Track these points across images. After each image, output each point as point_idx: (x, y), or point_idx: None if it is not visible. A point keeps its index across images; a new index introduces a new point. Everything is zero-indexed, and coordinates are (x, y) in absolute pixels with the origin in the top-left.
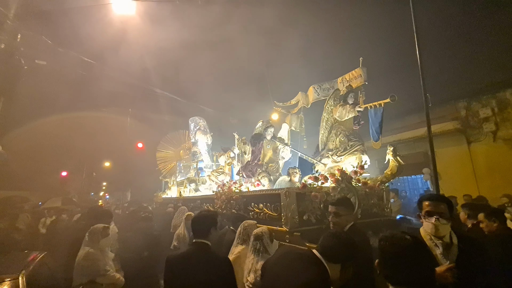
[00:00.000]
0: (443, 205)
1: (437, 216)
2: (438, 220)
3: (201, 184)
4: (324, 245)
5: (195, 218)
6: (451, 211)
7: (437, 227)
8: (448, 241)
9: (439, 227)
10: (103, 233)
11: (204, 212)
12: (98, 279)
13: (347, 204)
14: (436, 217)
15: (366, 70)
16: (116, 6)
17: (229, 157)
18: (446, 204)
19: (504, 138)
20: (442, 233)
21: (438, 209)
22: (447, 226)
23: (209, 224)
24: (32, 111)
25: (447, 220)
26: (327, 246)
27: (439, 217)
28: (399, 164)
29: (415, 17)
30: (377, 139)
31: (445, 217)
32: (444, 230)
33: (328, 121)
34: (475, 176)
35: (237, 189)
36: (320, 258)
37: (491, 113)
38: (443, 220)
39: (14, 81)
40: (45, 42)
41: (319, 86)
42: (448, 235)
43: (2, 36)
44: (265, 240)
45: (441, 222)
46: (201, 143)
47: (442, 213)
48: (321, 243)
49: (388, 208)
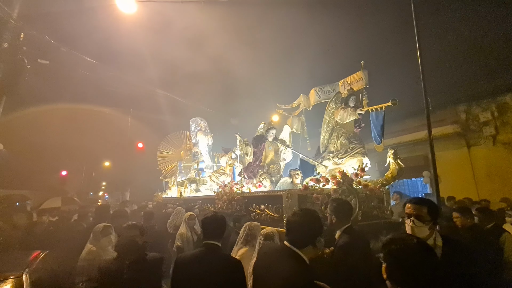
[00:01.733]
0: (422, 208)
1: (413, 218)
2: (412, 222)
3: (202, 184)
4: (289, 235)
5: (207, 220)
6: (433, 214)
7: (412, 229)
8: (430, 244)
9: (414, 229)
10: (104, 232)
11: (216, 213)
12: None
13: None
14: (411, 219)
15: (367, 73)
16: (119, 7)
17: (230, 158)
18: (427, 207)
19: (504, 142)
20: (418, 235)
21: (415, 211)
22: (423, 229)
23: (221, 226)
24: (33, 110)
25: (424, 222)
26: (291, 235)
27: (414, 219)
28: (400, 167)
29: (417, 20)
30: (379, 142)
31: (422, 220)
32: (420, 232)
33: (330, 124)
34: (475, 180)
35: (238, 190)
36: (292, 248)
37: (491, 117)
38: (419, 222)
39: (16, 80)
40: (48, 42)
41: (320, 89)
42: (431, 238)
43: (6, 36)
44: (276, 240)
45: (416, 224)
46: (202, 144)
47: (419, 216)
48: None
49: (389, 211)
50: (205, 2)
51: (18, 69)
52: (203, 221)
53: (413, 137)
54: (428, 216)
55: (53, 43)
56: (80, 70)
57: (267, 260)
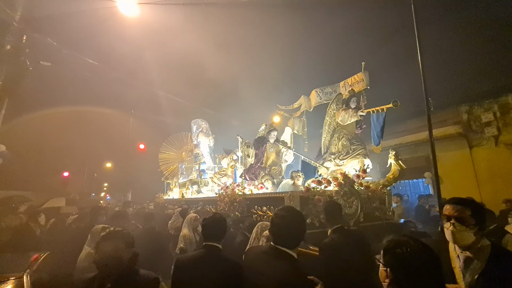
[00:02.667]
0: (464, 209)
1: (453, 220)
2: (453, 226)
3: (204, 186)
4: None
5: (207, 222)
6: (478, 217)
7: (453, 234)
8: (471, 255)
9: (455, 234)
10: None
11: (217, 215)
12: None
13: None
14: (451, 222)
15: (368, 74)
16: (120, 9)
17: (232, 160)
18: (470, 209)
19: (506, 142)
20: (461, 242)
21: (456, 212)
22: (468, 234)
23: (221, 228)
24: (35, 112)
25: (468, 226)
26: (278, 238)
27: (455, 222)
28: (401, 168)
29: (417, 21)
30: (378, 143)
31: (465, 223)
32: (463, 239)
33: (331, 125)
34: (477, 181)
35: (240, 192)
36: (279, 247)
37: (493, 118)
38: (461, 226)
39: (19, 82)
40: (50, 44)
41: (321, 90)
42: (475, 247)
43: (8, 38)
44: None
45: (457, 228)
46: (203, 145)
47: (461, 218)
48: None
49: (390, 212)
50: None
51: (20, 71)
52: (204, 223)
53: (414, 138)
54: (472, 219)
55: (55, 45)
56: (82, 72)
57: (257, 264)
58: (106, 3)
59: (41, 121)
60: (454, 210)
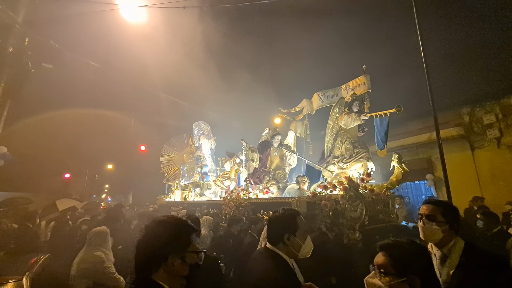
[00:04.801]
0: (434, 208)
1: (424, 218)
2: (422, 222)
3: (206, 188)
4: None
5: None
6: (448, 216)
7: (422, 230)
8: (446, 252)
9: (424, 230)
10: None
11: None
12: (103, 281)
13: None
14: (421, 219)
15: (369, 77)
16: (122, 12)
17: (235, 163)
18: (440, 208)
19: (508, 144)
20: (430, 237)
21: (427, 211)
22: (435, 230)
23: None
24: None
25: (437, 224)
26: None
27: (424, 219)
28: (404, 171)
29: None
30: (383, 148)
31: (434, 220)
32: (431, 234)
33: (334, 129)
34: (479, 183)
35: (245, 196)
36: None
37: (495, 120)
38: (428, 222)
39: (21, 84)
40: (52, 46)
41: (323, 93)
42: (449, 245)
43: (11, 40)
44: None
45: (425, 224)
46: (205, 148)
47: (430, 215)
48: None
49: (394, 214)
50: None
51: (22, 73)
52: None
53: (416, 140)
54: (442, 216)
55: (57, 47)
56: (84, 74)
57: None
58: (108, 5)
59: (43, 123)
60: (426, 209)
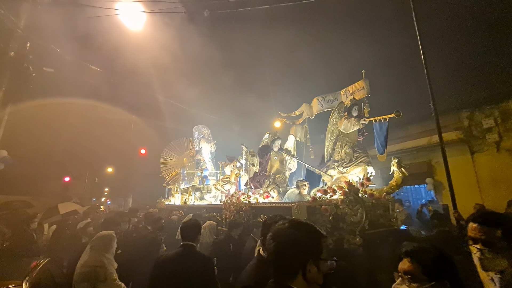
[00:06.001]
0: (493, 230)
1: (481, 246)
2: (480, 252)
3: (207, 192)
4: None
5: (185, 225)
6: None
7: (482, 262)
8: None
9: (484, 261)
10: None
11: (192, 220)
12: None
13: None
14: (478, 248)
15: (368, 82)
16: (123, 17)
17: (235, 167)
18: (500, 229)
19: (508, 148)
20: (492, 269)
21: (484, 235)
22: (499, 260)
23: (196, 230)
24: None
25: (498, 252)
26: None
27: (483, 248)
28: (404, 175)
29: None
30: (383, 152)
31: (495, 247)
32: (494, 266)
33: (333, 133)
34: (479, 187)
35: (246, 200)
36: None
37: (494, 124)
38: (489, 252)
39: (22, 88)
40: (53, 51)
41: (322, 98)
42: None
43: (12, 45)
44: None
45: (485, 255)
46: (205, 151)
47: (490, 242)
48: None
49: (394, 219)
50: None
51: (23, 77)
52: (182, 226)
53: (415, 144)
54: (504, 242)
55: (58, 51)
56: (84, 78)
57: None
58: (109, 11)
59: (43, 127)
60: (481, 232)
